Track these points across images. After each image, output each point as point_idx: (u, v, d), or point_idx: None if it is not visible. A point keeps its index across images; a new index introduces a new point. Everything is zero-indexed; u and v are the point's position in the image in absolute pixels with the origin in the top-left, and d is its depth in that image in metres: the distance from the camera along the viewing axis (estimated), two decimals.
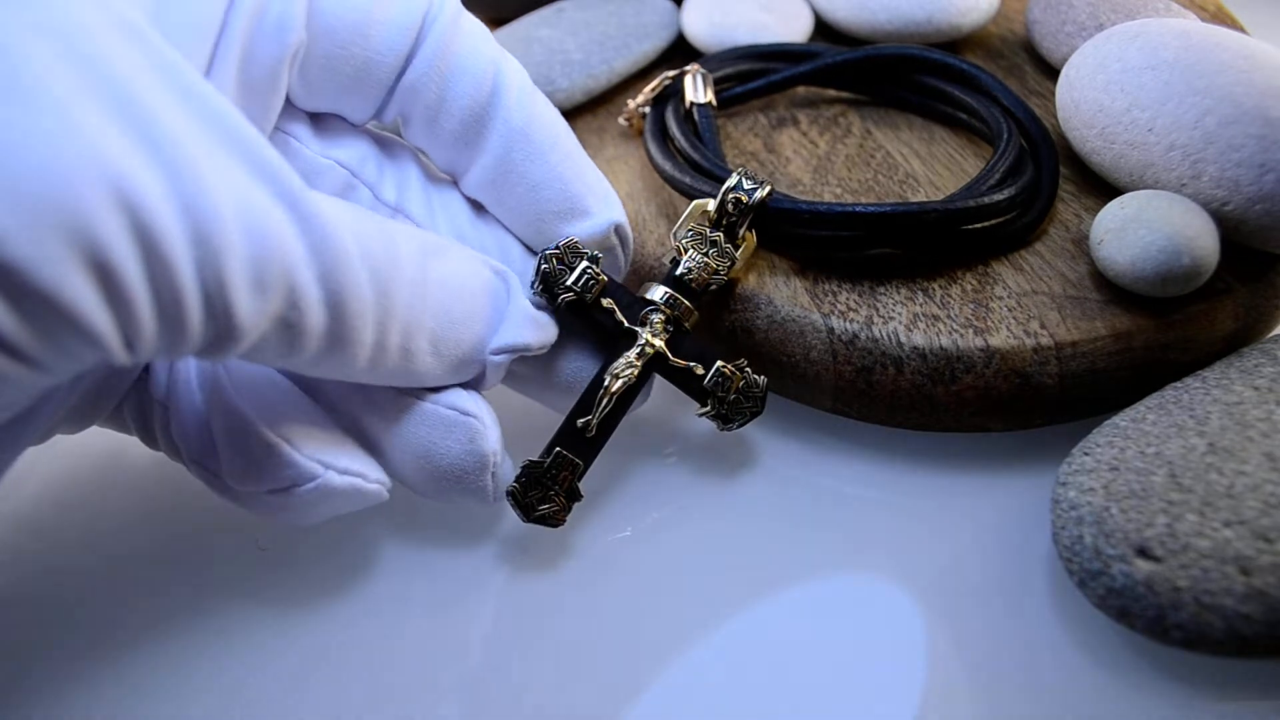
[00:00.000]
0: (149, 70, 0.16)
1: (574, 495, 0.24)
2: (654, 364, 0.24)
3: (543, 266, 0.24)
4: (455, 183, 0.25)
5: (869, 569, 0.25)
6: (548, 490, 0.24)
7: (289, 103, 0.24)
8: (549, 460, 0.24)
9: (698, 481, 0.27)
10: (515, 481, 0.24)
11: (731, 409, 0.25)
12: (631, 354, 0.24)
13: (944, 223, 0.26)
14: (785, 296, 0.27)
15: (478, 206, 0.25)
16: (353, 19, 0.22)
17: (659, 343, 0.24)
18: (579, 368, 0.25)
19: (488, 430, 0.23)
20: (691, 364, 0.25)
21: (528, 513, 0.24)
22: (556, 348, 0.25)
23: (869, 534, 0.25)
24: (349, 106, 0.24)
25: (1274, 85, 0.26)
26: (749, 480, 0.27)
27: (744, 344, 0.27)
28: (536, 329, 0.23)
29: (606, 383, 0.24)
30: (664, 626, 0.23)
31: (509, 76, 0.24)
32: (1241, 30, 0.36)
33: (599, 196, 0.25)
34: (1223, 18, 0.38)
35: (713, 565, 0.25)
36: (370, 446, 0.23)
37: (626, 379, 0.24)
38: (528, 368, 0.25)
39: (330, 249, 0.18)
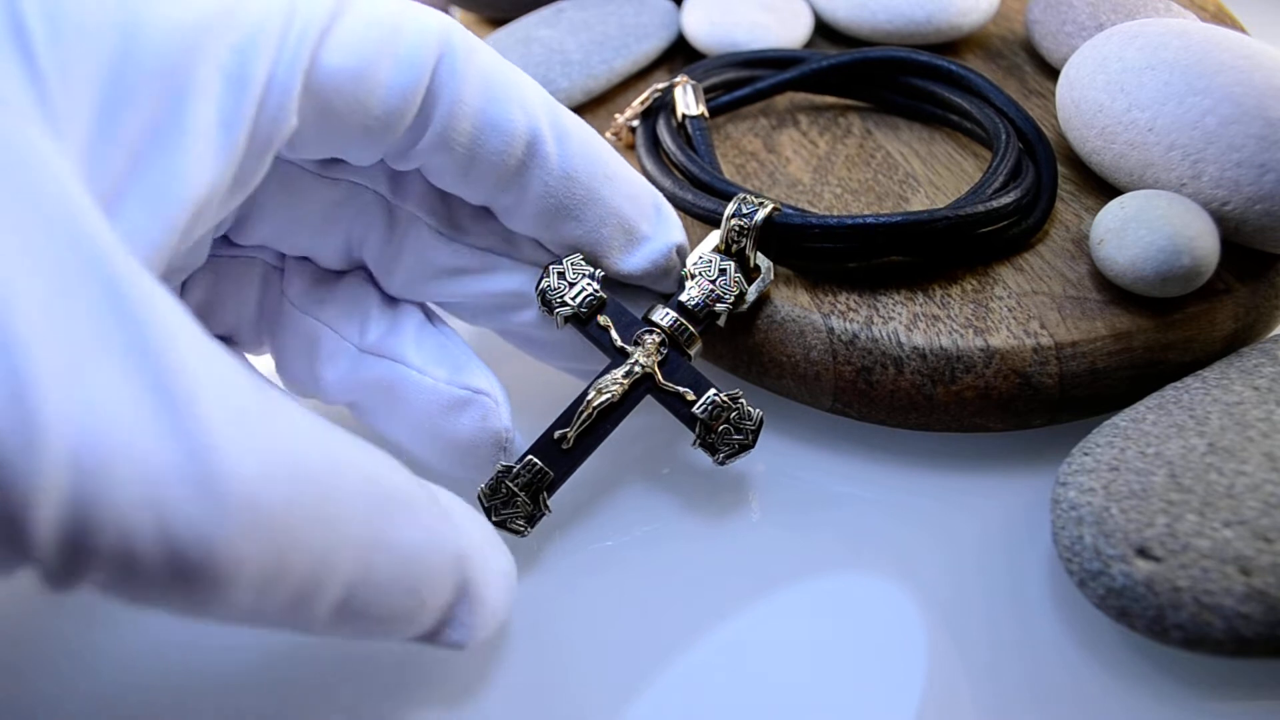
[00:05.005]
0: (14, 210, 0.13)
1: (539, 507, 0.23)
2: (643, 385, 0.24)
3: (542, 283, 0.24)
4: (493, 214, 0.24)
5: (869, 569, 0.25)
6: (514, 497, 0.23)
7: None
8: (518, 467, 0.23)
9: (697, 482, 0.27)
10: (484, 484, 0.23)
11: (720, 439, 0.24)
12: (619, 372, 0.24)
13: (954, 230, 0.26)
14: (785, 296, 0.27)
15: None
16: (350, 88, 0.19)
17: (650, 363, 0.24)
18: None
19: (500, 408, 0.23)
20: (683, 389, 0.24)
21: (489, 516, 0.23)
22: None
23: (869, 534, 0.25)
24: (352, 156, 0.22)
25: (1274, 85, 0.26)
26: (749, 480, 0.27)
27: (744, 344, 0.27)
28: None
29: (590, 397, 0.24)
30: (663, 626, 0.23)
31: (540, 120, 0.22)
32: (1241, 30, 0.36)
33: (653, 219, 0.24)
34: (1223, 18, 0.38)
35: (712, 565, 0.25)
36: (383, 418, 0.23)
37: (610, 396, 0.24)
38: (546, 333, 0.25)
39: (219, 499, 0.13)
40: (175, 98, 0.17)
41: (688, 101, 0.32)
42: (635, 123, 0.33)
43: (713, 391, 0.24)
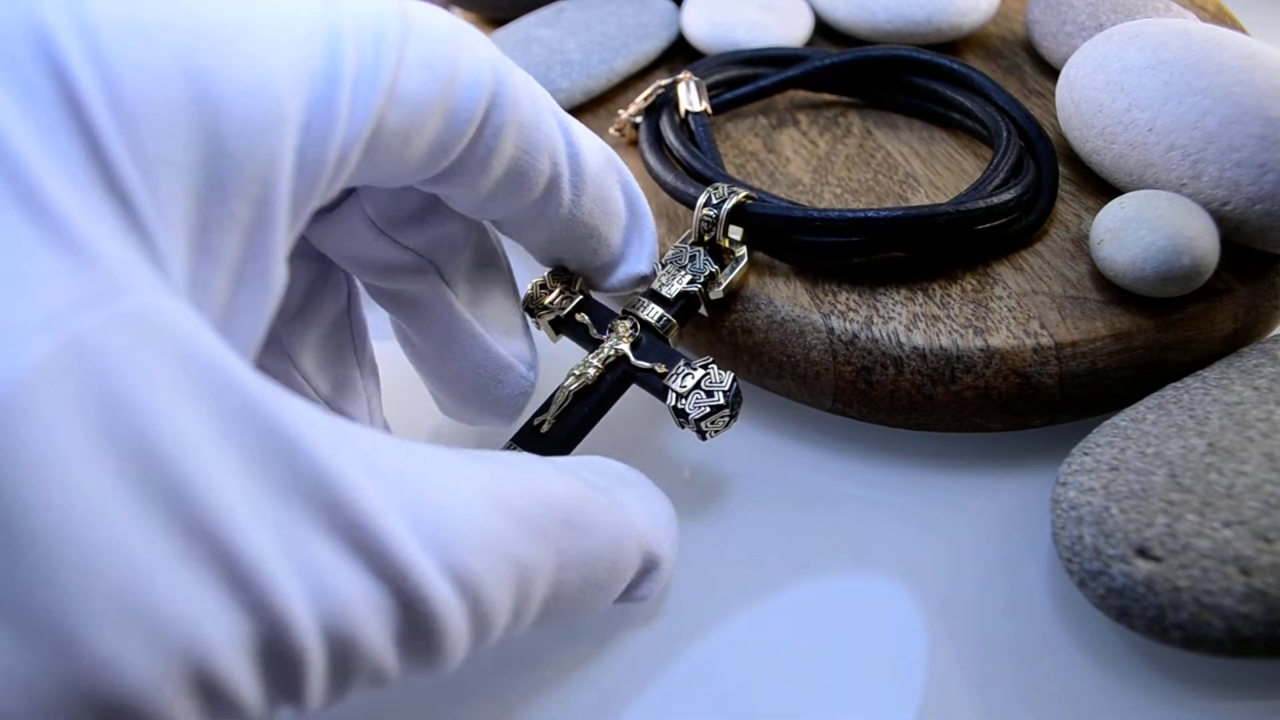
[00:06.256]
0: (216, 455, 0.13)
1: None
2: (618, 367, 0.24)
3: (526, 292, 0.26)
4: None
5: (868, 569, 0.25)
6: None
7: None
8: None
9: (697, 482, 0.27)
10: None
11: (691, 403, 0.24)
12: (592, 356, 0.24)
13: (955, 225, 0.26)
14: (785, 296, 0.27)
15: None
16: (397, 145, 0.18)
17: (623, 347, 0.24)
18: None
19: (536, 378, 0.25)
20: (655, 365, 0.24)
21: None
22: None
23: (869, 534, 0.25)
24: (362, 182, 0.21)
25: (1274, 85, 0.26)
26: (748, 480, 0.27)
27: (744, 344, 0.27)
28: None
29: (564, 381, 0.24)
30: (662, 625, 0.23)
31: (563, 168, 0.22)
32: (1241, 30, 0.36)
33: (638, 244, 0.25)
34: (1223, 18, 0.38)
35: (712, 565, 0.25)
36: (428, 358, 0.25)
37: (584, 380, 0.24)
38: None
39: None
40: (262, 197, 0.16)
41: (691, 98, 0.32)
42: (638, 118, 0.33)
43: (683, 361, 0.24)
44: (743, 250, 0.27)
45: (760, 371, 0.27)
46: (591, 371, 0.24)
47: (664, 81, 0.33)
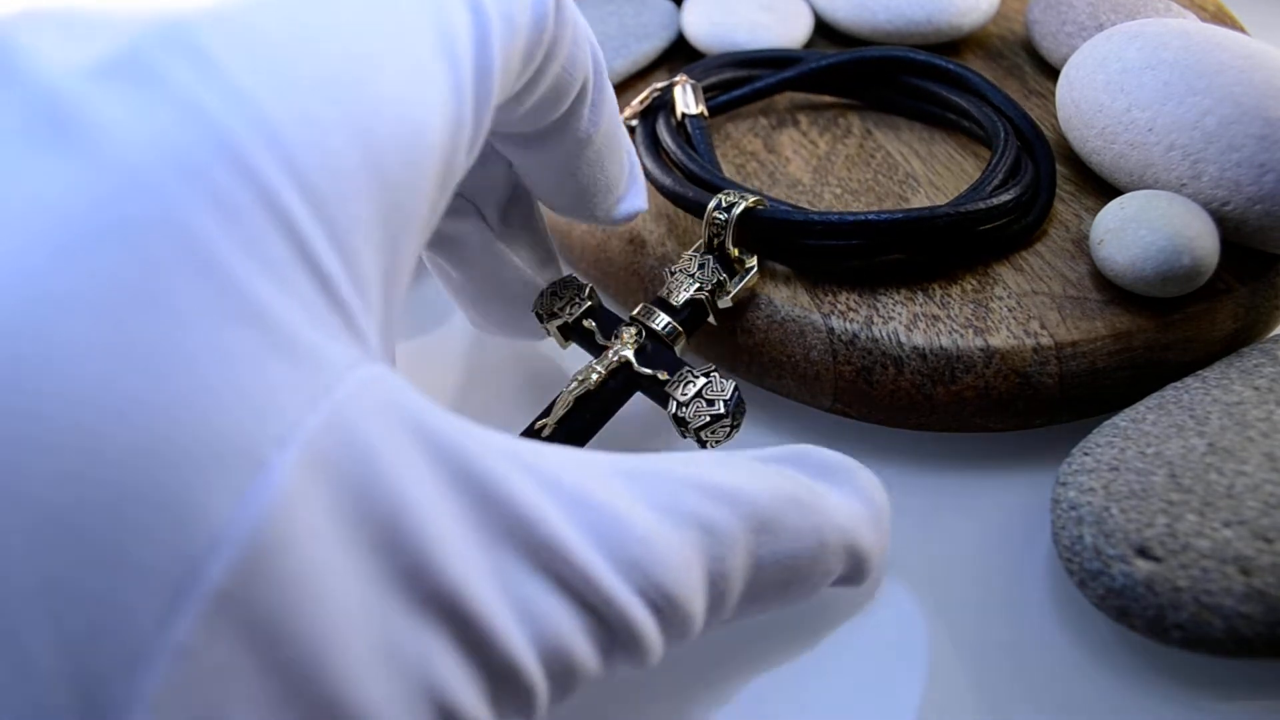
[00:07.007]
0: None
1: None
2: (621, 373, 0.24)
3: (536, 304, 0.26)
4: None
5: None
6: None
7: None
8: None
9: None
10: None
11: (694, 413, 0.24)
12: (596, 362, 0.24)
13: (955, 227, 0.26)
14: (785, 296, 0.27)
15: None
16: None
17: (627, 353, 0.24)
18: None
19: None
20: (657, 372, 0.24)
21: None
22: None
23: None
24: None
25: (1274, 85, 0.26)
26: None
27: (744, 344, 0.27)
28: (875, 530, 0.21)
29: (568, 386, 0.24)
30: None
31: (588, 85, 0.22)
32: (1241, 30, 0.36)
33: (631, 179, 0.26)
34: (1223, 18, 0.38)
35: None
36: (465, 289, 0.26)
37: (587, 385, 0.24)
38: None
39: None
40: (414, 222, 0.16)
41: (687, 100, 0.32)
42: (634, 122, 0.33)
43: (686, 369, 0.24)
44: (753, 260, 0.27)
45: (760, 371, 0.27)
46: (594, 377, 0.24)
47: (659, 85, 0.33)
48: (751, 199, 0.26)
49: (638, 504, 0.17)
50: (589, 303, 0.26)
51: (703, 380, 0.24)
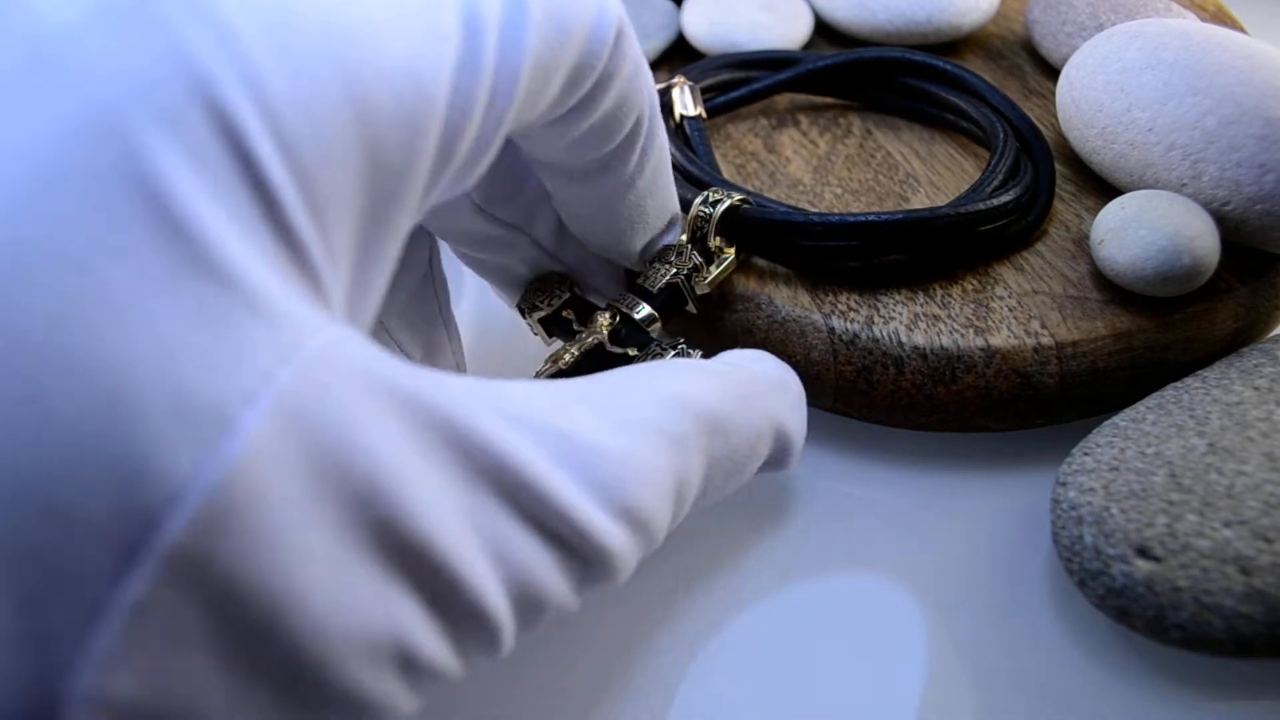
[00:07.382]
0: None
1: None
2: (595, 355, 0.24)
3: (519, 295, 0.26)
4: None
5: (868, 568, 0.25)
6: None
7: None
8: None
9: None
10: None
11: None
12: (571, 344, 0.25)
13: (955, 228, 0.26)
14: (785, 296, 0.27)
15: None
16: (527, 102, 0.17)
17: (601, 335, 0.25)
18: None
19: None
20: (629, 350, 0.24)
21: None
22: None
23: (868, 534, 0.25)
24: None
25: (1274, 85, 0.26)
26: (748, 480, 0.27)
27: (744, 344, 0.27)
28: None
29: (541, 368, 0.24)
30: (661, 625, 0.23)
31: (645, 116, 0.21)
32: (1241, 30, 0.36)
33: (668, 226, 0.26)
34: (1223, 18, 0.38)
35: (711, 565, 0.25)
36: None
37: (559, 366, 0.24)
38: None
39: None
40: (405, 195, 0.15)
41: (685, 102, 0.32)
42: None
43: (654, 343, 0.24)
44: (732, 249, 0.27)
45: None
46: (567, 358, 0.24)
47: (657, 87, 0.33)
48: (737, 197, 0.26)
49: (605, 426, 0.16)
50: (568, 294, 0.26)
51: (672, 353, 0.24)
